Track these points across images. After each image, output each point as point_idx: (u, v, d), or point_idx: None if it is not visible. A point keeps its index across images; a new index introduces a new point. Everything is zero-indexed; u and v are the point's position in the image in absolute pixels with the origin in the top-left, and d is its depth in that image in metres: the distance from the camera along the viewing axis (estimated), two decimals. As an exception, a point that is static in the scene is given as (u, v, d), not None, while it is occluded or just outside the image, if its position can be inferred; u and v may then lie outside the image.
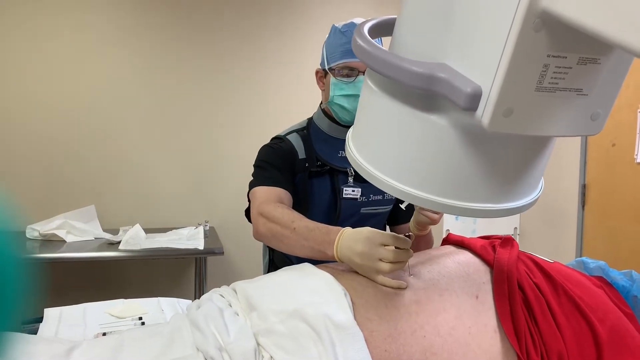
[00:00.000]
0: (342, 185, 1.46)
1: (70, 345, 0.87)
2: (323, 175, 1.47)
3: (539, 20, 0.53)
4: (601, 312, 0.95)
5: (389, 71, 0.65)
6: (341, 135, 1.49)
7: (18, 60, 2.99)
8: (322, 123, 1.52)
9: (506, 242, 1.07)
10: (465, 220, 3.43)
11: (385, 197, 1.50)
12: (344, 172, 1.47)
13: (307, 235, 1.16)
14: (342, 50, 1.42)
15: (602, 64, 0.60)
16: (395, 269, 0.94)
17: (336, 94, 1.42)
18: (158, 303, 1.35)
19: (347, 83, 1.40)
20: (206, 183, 3.20)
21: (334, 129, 1.50)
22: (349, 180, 1.47)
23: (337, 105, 1.44)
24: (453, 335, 0.87)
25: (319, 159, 1.47)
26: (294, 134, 1.50)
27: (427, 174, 0.70)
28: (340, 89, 1.42)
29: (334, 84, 1.42)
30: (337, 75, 1.42)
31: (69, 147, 3.07)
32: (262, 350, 0.82)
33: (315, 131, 1.52)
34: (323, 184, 1.46)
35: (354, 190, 1.46)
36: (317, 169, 1.46)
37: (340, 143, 1.48)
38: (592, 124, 0.65)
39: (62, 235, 2.66)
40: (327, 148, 1.49)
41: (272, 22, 3.32)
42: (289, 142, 1.48)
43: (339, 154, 1.48)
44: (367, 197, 1.48)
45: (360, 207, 1.49)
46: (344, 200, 1.46)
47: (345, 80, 1.41)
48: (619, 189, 3.12)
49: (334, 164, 1.47)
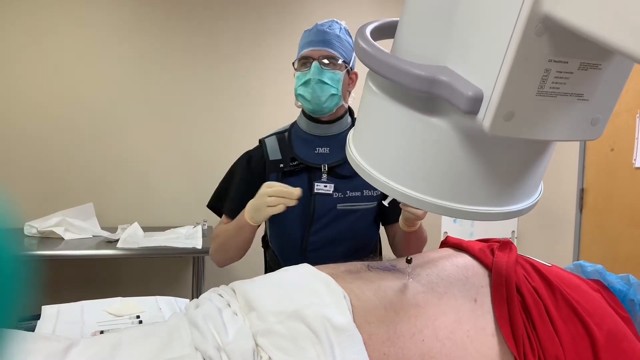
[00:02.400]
0: (314, 181, 1.49)
1: (67, 343, 0.87)
2: (299, 174, 1.50)
3: (541, 25, 0.53)
4: (598, 316, 0.95)
5: (390, 74, 0.65)
6: (317, 132, 1.54)
7: (16, 57, 2.99)
8: (301, 122, 1.57)
9: (504, 246, 1.08)
10: (462, 223, 3.43)
11: (364, 194, 1.51)
12: (319, 169, 1.50)
13: (232, 225, 1.44)
14: (301, 45, 1.51)
15: (603, 70, 0.60)
16: (278, 201, 1.26)
17: (297, 85, 1.49)
18: (156, 302, 1.35)
19: (304, 72, 1.47)
20: (205, 182, 3.19)
21: (311, 126, 1.54)
22: (323, 176, 1.49)
23: (300, 96, 1.50)
24: (451, 339, 0.87)
25: (295, 158, 1.50)
26: (273, 137, 1.57)
27: (427, 176, 0.70)
28: (299, 79, 1.49)
29: (296, 78, 1.50)
30: (298, 68, 1.50)
31: (68, 144, 3.07)
32: (260, 351, 0.82)
33: (296, 131, 1.57)
34: (299, 182, 1.47)
35: (326, 185, 1.48)
36: (291, 168, 1.50)
37: (317, 140, 1.53)
38: (592, 128, 0.65)
39: (60, 233, 2.66)
40: (305, 146, 1.53)
41: (274, 23, 3.32)
42: (264, 145, 1.56)
43: (316, 150, 1.51)
44: (342, 193, 1.49)
45: (336, 203, 1.49)
46: (317, 196, 1.48)
47: (302, 70, 1.48)
48: (617, 193, 3.12)
49: (310, 162, 1.50)
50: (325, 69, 1.45)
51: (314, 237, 1.50)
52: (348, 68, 1.51)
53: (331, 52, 1.46)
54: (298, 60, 1.50)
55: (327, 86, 1.45)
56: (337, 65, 1.47)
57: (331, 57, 1.46)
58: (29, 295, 0.38)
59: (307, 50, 1.47)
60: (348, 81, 1.53)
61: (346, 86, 1.52)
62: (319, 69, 1.45)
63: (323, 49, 1.46)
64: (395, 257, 1.47)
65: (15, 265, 0.38)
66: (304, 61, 1.48)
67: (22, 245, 2.45)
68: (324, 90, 1.46)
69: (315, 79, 1.44)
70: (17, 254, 0.39)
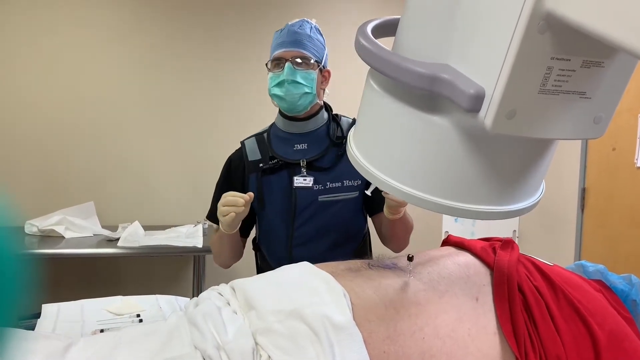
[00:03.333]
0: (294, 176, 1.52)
1: (67, 341, 0.86)
2: (278, 171, 1.54)
3: (544, 23, 0.53)
4: (600, 316, 0.94)
5: (391, 71, 0.65)
6: (295, 130, 1.58)
7: (17, 56, 2.99)
8: (278, 121, 1.62)
9: (506, 245, 1.07)
10: (463, 223, 3.43)
11: (344, 184, 1.54)
12: (297, 164, 1.53)
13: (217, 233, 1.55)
14: (273, 46, 1.55)
15: (606, 67, 0.60)
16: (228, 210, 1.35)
17: (270, 85, 1.53)
18: (156, 300, 1.35)
19: (277, 73, 1.50)
20: (206, 181, 3.19)
21: (287, 124, 1.58)
22: (302, 170, 1.52)
23: (274, 95, 1.53)
24: (452, 337, 0.87)
25: (275, 156, 1.54)
26: (252, 138, 1.63)
27: (428, 175, 0.70)
28: (272, 80, 1.52)
29: (269, 78, 1.53)
30: (271, 69, 1.53)
31: (69, 143, 3.07)
32: (260, 350, 0.82)
33: (274, 131, 1.61)
34: (279, 179, 1.53)
35: (305, 179, 1.52)
36: (270, 166, 1.53)
37: (294, 137, 1.57)
38: (594, 127, 0.64)
39: (61, 232, 2.66)
40: (283, 144, 1.57)
41: (274, 25, 3.31)
42: (244, 147, 1.61)
43: (294, 147, 1.56)
44: (323, 185, 1.52)
45: (317, 195, 1.52)
46: (298, 190, 1.52)
47: (275, 71, 1.51)
48: (619, 193, 3.12)
49: (288, 158, 1.54)
50: (297, 69, 1.49)
51: (299, 231, 1.53)
52: (320, 67, 1.54)
53: (303, 53, 1.50)
54: (271, 62, 1.54)
55: (300, 85, 1.49)
56: (310, 65, 1.51)
57: (303, 57, 1.50)
58: (29, 293, 0.38)
59: (280, 51, 1.51)
60: (321, 79, 1.57)
61: (319, 84, 1.56)
62: (291, 69, 1.48)
63: (295, 50, 1.50)
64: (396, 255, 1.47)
65: (16, 264, 0.38)
66: (277, 62, 1.52)
67: (22, 244, 2.45)
68: (297, 89, 1.49)
69: (288, 79, 1.48)
70: (18, 252, 0.39)
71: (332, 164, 1.53)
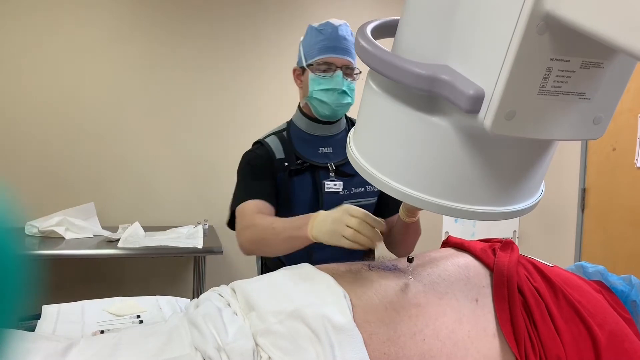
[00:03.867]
0: (323, 180, 1.51)
1: (67, 343, 0.86)
2: (304, 173, 1.52)
3: (543, 23, 0.53)
4: (600, 317, 0.94)
5: (391, 72, 0.65)
6: (319, 133, 1.56)
7: (17, 57, 2.98)
8: (300, 122, 1.58)
9: (506, 246, 1.07)
10: (464, 223, 3.43)
11: (367, 190, 1.54)
12: (325, 168, 1.52)
13: (285, 227, 1.27)
14: (319, 47, 1.49)
15: (605, 68, 0.60)
16: (358, 237, 1.06)
17: (315, 89, 1.48)
18: (156, 301, 1.35)
19: (326, 78, 1.46)
20: (206, 182, 3.20)
21: (312, 127, 1.55)
22: (330, 175, 1.51)
23: (316, 99, 1.49)
24: (452, 339, 0.87)
25: (299, 157, 1.52)
26: (272, 137, 1.56)
27: (428, 176, 0.70)
28: (318, 84, 1.47)
29: (313, 79, 1.48)
30: (316, 70, 1.48)
31: (69, 144, 3.07)
32: (260, 351, 0.82)
33: (294, 131, 1.57)
34: (304, 181, 1.51)
35: (335, 184, 1.51)
36: (297, 167, 1.51)
37: (319, 140, 1.55)
38: (594, 128, 0.64)
39: (61, 232, 2.66)
40: (306, 146, 1.54)
41: (273, 23, 3.32)
42: (267, 145, 1.54)
43: (319, 150, 1.54)
44: (348, 190, 1.52)
45: (343, 200, 1.51)
46: (327, 194, 1.50)
47: (323, 75, 1.47)
48: (619, 193, 3.12)
49: (314, 161, 1.52)
50: (346, 79, 1.47)
51: None
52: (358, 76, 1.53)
53: (353, 63, 1.49)
54: (317, 64, 1.47)
55: (347, 96, 1.48)
56: (354, 76, 1.50)
57: (352, 68, 1.49)
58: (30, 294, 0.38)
59: (332, 56, 1.46)
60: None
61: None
62: (342, 79, 1.46)
63: (347, 59, 1.47)
64: (390, 253, 1.47)
65: (17, 265, 0.38)
66: (327, 67, 1.47)
67: (24, 245, 2.45)
68: (344, 99, 1.48)
69: (339, 89, 1.46)
70: (20, 253, 0.39)
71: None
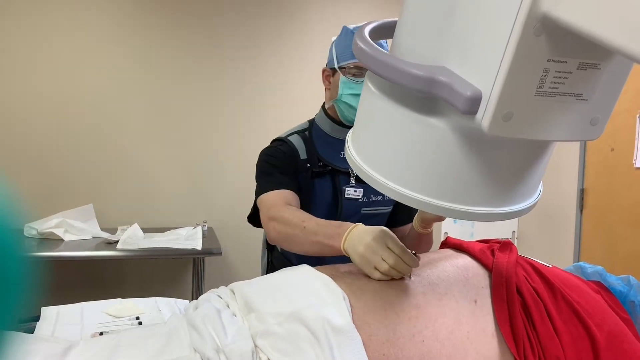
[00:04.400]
0: (343, 186, 1.48)
1: (66, 344, 0.86)
2: (324, 176, 1.49)
3: (540, 25, 0.53)
4: (599, 317, 0.94)
5: (389, 74, 0.65)
6: (342, 136, 1.49)
7: (16, 57, 2.99)
8: (324, 124, 1.54)
9: (505, 247, 1.07)
10: (463, 224, 3.43)
11: (385, 198, 1.51)
12: (346, 173, 1.49)
13: (317, 231, 1.19)
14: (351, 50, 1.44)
15: (602, 69, 0.60)
16: (392, 273, 0.96)
17: (345, 92, 1.44)
18: (155, 303, 1.35)
19: (357, 82, 1.43)
20: (205, 183, 3.20)
21: (336, 130, 1.52)
22: (351, 181, 1.48)
23: (345, 103, 1.46)
24: (451, 340, 0.87)
25: (320, 159, 1.49)
26: (295, 135, 1.52)
27: (426, 177, 0.70)
28: (349, 88, 1.44)
29: (344, 82, 1.44)
30: (347, 74, 1.44)
31: (68, 145, 3.07)
32: (259, 352, 0.82)
33: (317, 132, 1.53)
34: (325, 185, 1.48)
35: (355, 190, 1.48)
36: (319, 169, 1.48)
37: (341, 144, 1.49)
38: (591, 129, 0.65)
39: (60, 234, 2.66)
40: (329, 149, 1.50)
41: (273, 23, 3.32)
42: (291, 143, 1.50)
43: (341, 154, 1.49)
44: (367, 197, 1.50)
45: (361, 207, 1.50)
46: (346, 200, 1.48)
47: (354, 79, 1.43)
48: (618, 193, 3.12)
49: (336, 165, 1.49)
50: None
51: None
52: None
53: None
54: (350, 67, 1.43)
55: None
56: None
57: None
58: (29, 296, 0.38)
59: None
60: None
61: None
62: None
63: None
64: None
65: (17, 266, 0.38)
66: (359, 72, 1.43)
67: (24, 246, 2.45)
68: None
69: None
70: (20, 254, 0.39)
71: None
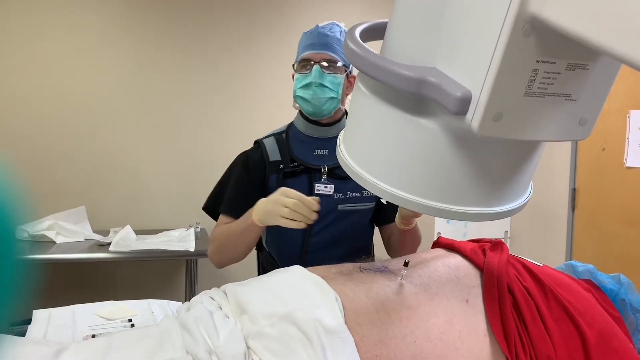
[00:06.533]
0: (315, 182, 1.49)
1: (58, 347, 0.86)
2: (299, 175, 1.51)
3: (528, 26, 0.54)
4: (589, 316, 0.95)
5: (379, 75, 0.65)
6: (316, 134, 1.55)
7: (7, 59, 2.97)
8: (299, 123, 1.57)
9: (496, 246, 1.08)
10: (456, 224, 3.44)
11: (363, 195, 1.52)
12: (319, 170, 1.50)
13: (237, 222, 1.40)
14: (302, 47, 1.51)
15: (591, 70, 0.60)
16: (294, 216, 1.20)
17: (297, 87, 1.49)
18: (148, 305, 1.35)
19: (305, 75, 1.47)
20: (198, 185, 3.19)
21: (310, 128, 1.55)
22: (322, 177, 1.50)
23: (299, 97, 1.50)
24: (443, 340, 0.87)
25: (294, 159, 1.51)
26: (271, 138, 1.57)
27: (417, 177, 0.70)
28: (299, 82, 1.48)
29: (296, 79, 1.50)
30: (298, 70, 1.50)
31: (60, 147, 3.06)
32: (252, 354, 0.82)
33: (293, 132, 1.57)
34: (299, 183, 1.49)
35: (326, 186, 1.49)
36: (291, 169, 1.50)
37: (315, 142, 1.54)
38: (580, 129, 0.65)
39: (52, 236, 2.64)
40: (303, 147, 1.53)
41: (265, 24, 3.32)
42: (263, 146, 1.55)
43: (315, 152, 1.52)
44: (343, 194, 1.50)
45: (337, 204, 1.50)
46: (318, 196, 1.48)
47: (302, 72, 1.48)
48: (609, 193, 3.14)
49: (309, 163, 1.51)
50: (325, 73, 1.46)
51: (315, 238, 1.51)
52: (348, 72, 1.52)
53: (332, 56, 1.47)
54: (298, 63, 1.50)
55: (327, 89, 1.46)
56: (337, 69, 1.48)
57: (331, 61, 1.47)
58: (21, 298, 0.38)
59: (308, 53, 1.47)
60: (347, 84, 1.54)
61: (345, 89, 1.53)
62: (320, 72, 1.45)
63: (324, 52, 1.47)
64: (387, 258, 1.47)
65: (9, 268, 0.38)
66: (305, 64, 1.48)
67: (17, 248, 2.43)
68: (324, 93, 1.47)
69: (316, 82, 1.45)
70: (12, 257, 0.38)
71: None
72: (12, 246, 0.38)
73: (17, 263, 0.38)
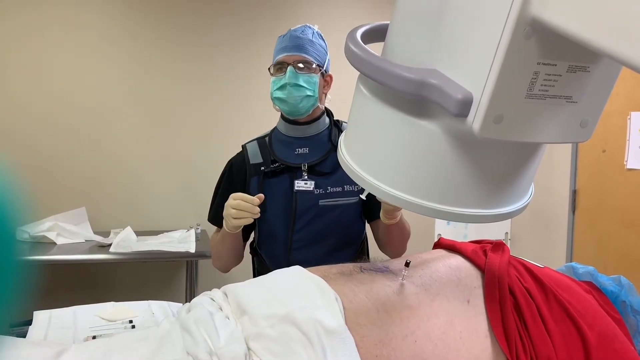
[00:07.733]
0: (295, 180, 1.54)
1: (59, 348, 0.86)
2: (280, 174, 1.56)
3: (530, 28, 0.54)
4: (590, 317, 0.95)
5: (380, 77, 0.65)
6: (296, 134, 1.60)
7: (6, 60, 2.97)
8: (280, 125, 1.63)
9: (497, 247, 1.08)
10: (456, 225, 3.44)
11: (345, 189, 1.55)
12: (300, 169, 1.55)
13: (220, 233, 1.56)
14: (276, 51, 1.56)
15: (591, 72, 0.60)
16: (241, 214, 1.37)
17: (272, 90, 1.54)
18: (149, 306, 1.35)
19: (279, 77, 1.52)
20: (198, 186, 3.19)
21: (290, 129, 1.59)
22: (303, 174, 1.54)
23: (276, 99, 1.54)
24: (444, 341, 0.87)
25: (276, 159, 1.56)
26: (254, 142, 1.63)
27: (418, 179, 0.70)
28: (275, 84, 1.53)
29: (272, 83, 1.55)
30: (273, 73, 1.55)
31: (61, 148, 3.06)
32: (252, 355, 0.82)
33: (276, 134, 1.63)
34: (281, 182, 1.55)
35: (306, 182, 1.53)
36: (272, 169, 1.55)
37: (296, 141, 1.59)
38: (581, 130, 0.65)
39: (53, 238, 2.64)
40: (284, 148, 1.58)
41: (266, 26, 3.33)
42: (245, 150, 1.62)
43: (296, 151, 1.57)
44: (324, 189, 1.54)
45: (318, 199, 1.53)
46: (300, 193, 1.53)
47: (278, 75, 1.53)
48: (609, 194, 3.14)
49: (289, 162, 1.55)
50: (300, 73, 1.51)
51: (298, 234, 1.54)
52: (322, 71, 1.56)
53: (305, 57, 1.52)
54: (273, 66, 1.56)
55: (302, 88, 1.51)
56: (312, 69, 1.52)
57: (305, 62, 1.52)
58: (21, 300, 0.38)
59: (282, 55, 1.52)
60: (323, 84, 1.58)
61: (321, 88, 1.57)
62: (294, 73, 1.50)
63: (297, 54, 1.51)
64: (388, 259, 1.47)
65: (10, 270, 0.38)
66: (279, 66, 1.54)
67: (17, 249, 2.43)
68: (299, 92, 1.51)
69: (291, 82, 1.50)
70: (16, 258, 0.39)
71: (333, 168, 1.54)
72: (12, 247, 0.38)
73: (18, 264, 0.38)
